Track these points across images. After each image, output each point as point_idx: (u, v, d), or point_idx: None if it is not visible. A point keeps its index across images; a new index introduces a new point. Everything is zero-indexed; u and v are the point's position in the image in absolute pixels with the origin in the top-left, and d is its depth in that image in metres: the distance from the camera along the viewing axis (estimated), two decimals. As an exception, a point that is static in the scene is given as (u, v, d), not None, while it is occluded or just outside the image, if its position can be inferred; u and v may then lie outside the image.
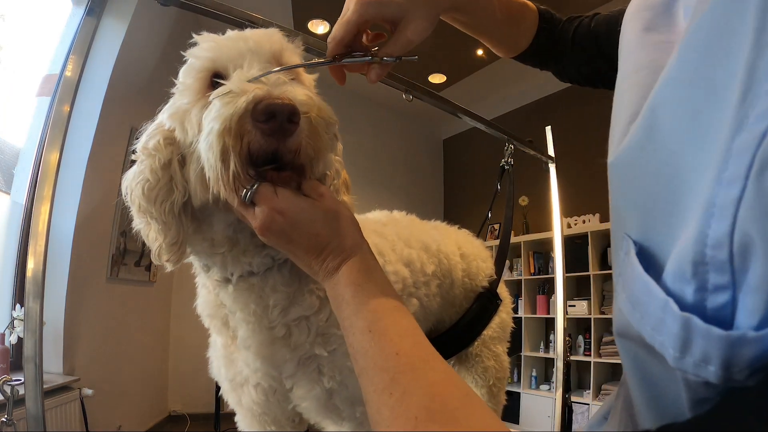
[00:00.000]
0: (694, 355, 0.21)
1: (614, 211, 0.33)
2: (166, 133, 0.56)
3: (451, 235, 1.06)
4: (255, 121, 0.45)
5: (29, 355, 0.75)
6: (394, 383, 0.38)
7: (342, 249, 0.48)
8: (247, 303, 0.59)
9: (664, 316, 0.23)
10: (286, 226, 0.48)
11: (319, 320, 0.60)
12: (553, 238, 1.82)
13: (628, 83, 0.34)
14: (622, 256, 0.29)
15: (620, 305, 0.28)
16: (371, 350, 0.42)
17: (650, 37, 0.35)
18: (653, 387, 0.28)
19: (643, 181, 0.28)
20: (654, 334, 0.24)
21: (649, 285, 0.24)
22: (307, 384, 0.62)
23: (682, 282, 0.22)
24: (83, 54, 0.83)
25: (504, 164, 1.33)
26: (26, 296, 0.77)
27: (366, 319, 0.44)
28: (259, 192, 0.48)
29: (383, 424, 0.37)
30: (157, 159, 0.54)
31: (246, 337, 0.61)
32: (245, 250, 0.58)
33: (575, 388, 3.71)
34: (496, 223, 4.52)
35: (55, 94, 0.83)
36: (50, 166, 0.79)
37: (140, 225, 0.59)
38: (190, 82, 0.55)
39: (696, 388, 0.22)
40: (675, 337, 0.22)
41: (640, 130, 0.28)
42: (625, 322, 0.27)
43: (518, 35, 0.72)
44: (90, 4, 0.84)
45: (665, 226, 0.25)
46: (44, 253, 0.77)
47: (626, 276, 0.27)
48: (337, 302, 0.47)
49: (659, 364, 0.25)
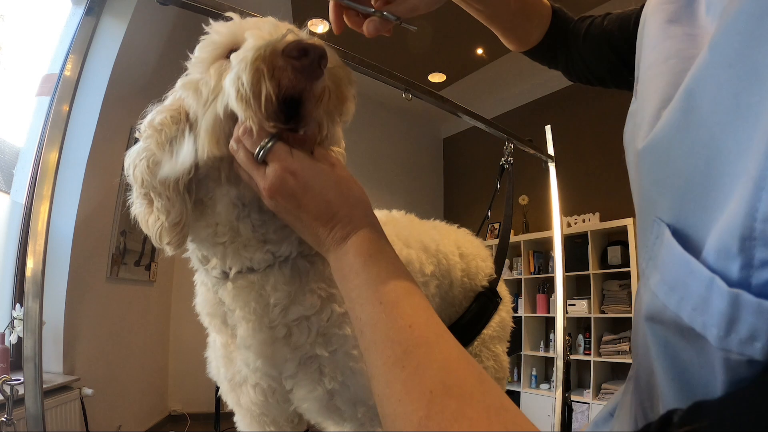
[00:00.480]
0: (740, 332, 0.21)
1: (643, 197, 0.33)
2: (173, 112, 0.55)
3: (450, 234, 1.06)
4: (287, 57, 0.45)
5: (29, 355, 0.75)
6: (408, 356, 0.36)
7: (351, 218, 0.47)
8: (247, 301, 0.58)
9: (708, 294, 0.23)
10: (298, 188, 0.47)
11: (320, 320, 0.59)
12: (553, 237, 1.82)
13: (654, 71, 0.34)
14: (652, 240, 0.29)
15: (654, 289, 0.28)
16: (382, 322, 0.40)
17: (674, 28, 0.36)
18: (683, 371, 0.28)
19: (678, 163, 0.28)
20: (695, 314, 0.24)
21: (691, 264, 0.24)
22: (308, 385, 0.61)
23: (727, 259, 0.22)
24: (82, 53, 0.83)
25: (504, 163, 1.33)
26: (26, 296, 0.77)
27: (377, 290, 0.42)
28: (274, 150, 0.47)
29: (394, 398, 0.35)
30: (163, 134, 0.54)
31: (246, 336, 0.60)
32: (246, 245, 0.57)
33: (575, 387, 3.71)
34: (496, 222, 4.52)
35: (55, 94, 0.83)
36: (50, 165, 0.79)
37: (139, 208, 0.57)
38: (205, 56, 0.54)
39: (737, 368, 0.22)
40: (721, 316, 0.22)
41: (677, 114, 0.28)
42: (658, 306, 0.27)
43: (530, 28, 0.72)
44: (89, 4, 0.84)
45: (701, 207, 0.25)
46: (44, 252, 0.77)
47: (660, 259, 0.27)
48: (344, 273, 0.45)
49: (691, 348, 0.26)
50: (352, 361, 0.60)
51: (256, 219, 0.57)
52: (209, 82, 0.52)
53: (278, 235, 0.58)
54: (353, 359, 0.60)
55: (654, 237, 0.29)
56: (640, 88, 0.37)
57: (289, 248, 0.58)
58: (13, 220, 2.18)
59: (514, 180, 1.29)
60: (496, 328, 1.08)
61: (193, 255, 0.62)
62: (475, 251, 1.07)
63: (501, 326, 1.10)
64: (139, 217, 0.57)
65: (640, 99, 0.36)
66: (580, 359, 3.67)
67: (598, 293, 3.66)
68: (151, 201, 0.56)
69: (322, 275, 0.60)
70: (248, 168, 0.49)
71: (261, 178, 0.48)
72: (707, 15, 0.35)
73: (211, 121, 0.50)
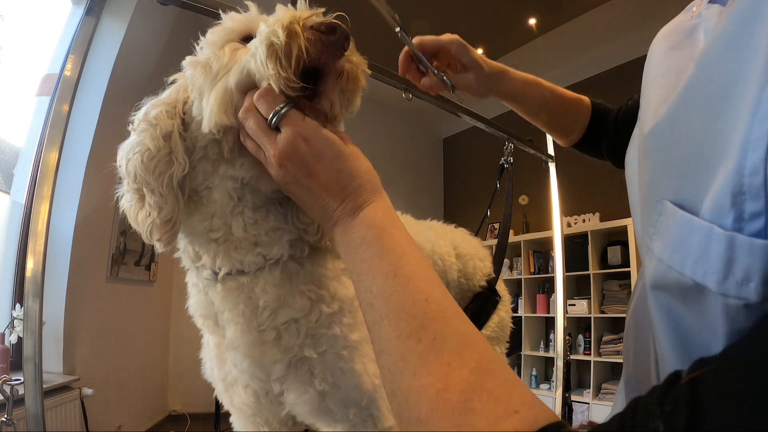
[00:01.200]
0: (736, 274, 0.24)
1: (649, 180, 0.35)
2: (168, 106, 0.55)
3: (447, 234, 1.04)
4: (316, 30, 0.47)
5: (29, 355, 0.75)
6: (424, 329, 0.36)
7: (363, 190, 0.46)
8: (236, 303, 0.58)
9: (707, 243, 0.26)
10: (310, 155, 0.46)
11: (308, 321, 0.59)
12: (553, 237, 1.82)
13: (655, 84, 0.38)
14: (655, 218, 0.32)
15: (659, 255, 0.30)
16: (396, 295, 0.39)
17: (675, 53, 0.40)
18: (685, 336, 0.30)
19: (678, 148, 0.31)
20: (696, 267, 0.26)
21: (692, 221, 0.27)
22: (298, 387, 0.60)
23: (721, 214, 0.25)
24: (82, 53, 0.83)
25: (503, 162, 1.33)
26: (26, 296, 0.77)
27: (391, 263, 0.41)
28: (288, 115, 0.46)
29: (408, 371, 0.34)
30: (158, 128, 0.53)
31: (234, 338, 0.59)
32: (237, 246, 0.57)
33: (575, 387, 3.72)
34: (497, 222, 4.52)
35: (55, 94, 0.83)
36: (50, 165, 0.79)
37: (130, 203, 0.56)
38: (216, 39, 0.54)
39: (735, 315, 0.25)
40: (719, 260, 0.25)
41: (675, 105, 0.32)
42: (662, 272, 0.30)
43: (571, 124, 0.84)
44: (89, 4, 0.84)
45: (698, 183, 0.28)
46: (44, 252, 0.77)
47: (662, 228, 0.31)
48: (353, 245, 0.44)
49: (692, 312, 0.29)
50: (342, 361, 0.59)
51: (248, 217, 0.56)
52: (222, 58, 0.52)
53: (270, 237, 0.57)
54: (343, 359, 0.59)
55: (657, 214, 0.32)
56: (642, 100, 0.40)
57: (281, 251, 0.58)
58: (13, 220, 2.18)
59: (514, 180, 1.29)
60: (495, 329, 1.07)
61: (184, 253, 0.61)
62: (473, 251, 1.06)
63: (500, 327, 1.09)
64: (128, 212, 0.56)
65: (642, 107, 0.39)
66: (580, 359, 3.67)
67: (598, 293, 3.66)
68: (142, 196, 0.55)
69: (311, 277, 0.60)
70: (258, 135, 0.48)
71: (272, 144, 0.47)
72: (705, 40, 0.39)
73: (222, 92, 0.50)
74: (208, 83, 0.52)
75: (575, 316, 3.69)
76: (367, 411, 0.61)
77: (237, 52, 0.51)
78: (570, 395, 1.66)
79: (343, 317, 0.60)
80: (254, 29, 0.52)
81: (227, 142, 0.52)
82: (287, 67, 0.46)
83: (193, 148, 0.55)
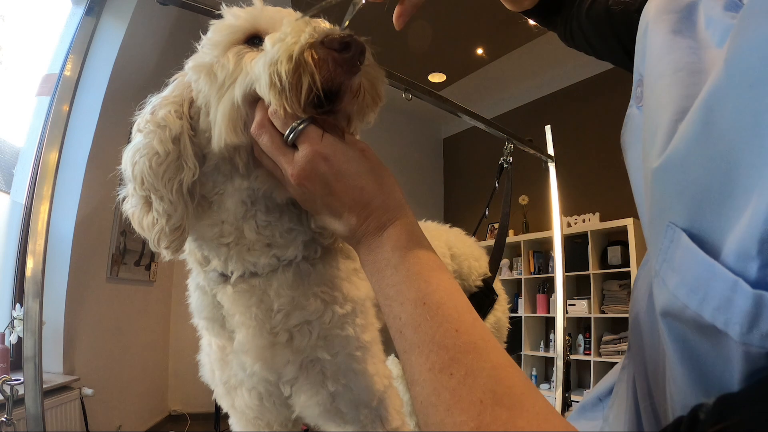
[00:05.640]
0: (761, 328, 0.23)
1: (660, 199, 0.34)
2: (175, 105, 0.52)
3: (442, 235, 1.04)
4: (328, 48, 0.43)
5: (29, 355, 0.76)
6: (455, 363, 0.35)
7: (387, 208, 0.44)
8: (249, 306, 0.56)
9: (732, 295, 0.25)
10: (330, 174, 0.44)
11: (322, 323, 0.57)
12: (553, 237, 1.82)
13: (665, 82, 0.36)
14: (666, 243, 0.31)
15: (674, 291, 0.29)
16: (426, 325, 0.38)
17: (679, 40, 0.37)
18: (700, 364, 0.30)
19: (695, 172, 0.29)
20: (717, 313, 0.26)
21: (714, 267, 0.26)
22: (310, 389, 0.58)
23: (746, 260, 0.24)
24: (82, 53, 0.83)
25: (503, 162, 1.33)
26: (26, 296, 0.77)
27: (419, 289, 0.40)
28: (306, 132, 0.44)
29: (441, 407, 0.34)
30: (167, 130, 0.50)
31: (245, 341, 0.58)
32: (250, 248, 0.55)
33: (575, 387, 3.72)
34: (496, 222, 4.52)
35: (55, 94, 0.83)
36: (50, 165, 0.79)
37: (134, 207, 0.52)
38: (220, 39, 0.50)
39: (757, 360, 0.24)
40: (744, 314, 0.24)
41: (696, 127, 0.29)
42: (678, 306, 0.29)
43: None
44: (89, 4, 0.85)
45: (718, 214, 0.27)
46: (44, 252, 0.77)
47: (677, 262, 0.30)
48: (378, 267, 0.43)
49: (707, 342, 0.28)
50: (356, 362, 0.58)
51: (261, 220, 0.54)
52: (227, 65, 0.48)
53: (285, 239, 0.55)
54: (357, 360, 0.58)
55: (668, 241, 0.31)
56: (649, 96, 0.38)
57: (295, 252, 0.56)
58: (13, 220, 2.18)
59: (514, 180, 1.29)
60: (492, 330, 1.07)
61: (191, 256, 0.60)
62: (468, 251, 1.05)
63: (496, 327, 1.09)
64: (132, 217, 0.53)
65: (650, 109, 0.37)
66: (580, 359, 3.67)
67: (598, 293, 3.66)
68: (148, 201, 0.52)
69: (323, 278, 0.59)
70: (273, 153, 0.46)
71: (288, 163, 0.45)
72: (707, 29, 0.36)
73: (228, 108, 0.47)
74: (213, 94, 0.49)
75: (575, 316, 3.69)
76: (377, 412, 0.61)
77: (242, 60, 0.48)
78: (570, 395, 1.66)
79: (356, 318, 0.59)
80: (260, 27, 0.50)
81: (241, 158, 0.50)
82: (294, 101, 0.43)
83: (202, 156, 0.52)
